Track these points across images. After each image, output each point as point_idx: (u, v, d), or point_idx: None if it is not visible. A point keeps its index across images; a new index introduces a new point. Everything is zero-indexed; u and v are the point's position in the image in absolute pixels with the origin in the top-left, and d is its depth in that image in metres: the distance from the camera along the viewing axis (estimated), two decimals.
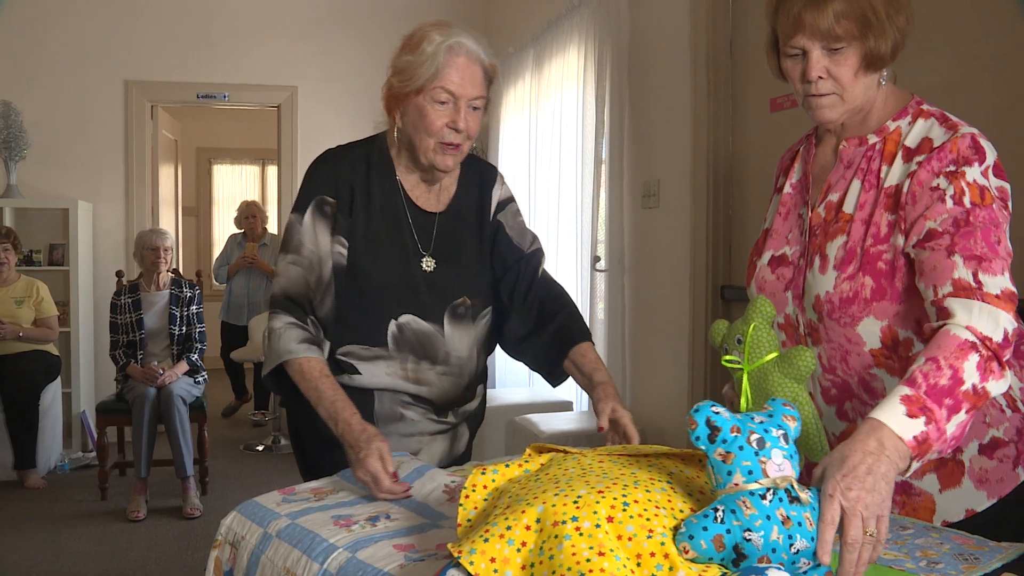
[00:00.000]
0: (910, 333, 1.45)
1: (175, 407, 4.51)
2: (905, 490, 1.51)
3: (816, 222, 1.56)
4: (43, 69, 5.91)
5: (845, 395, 1.53)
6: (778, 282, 1.60)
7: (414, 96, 1.77)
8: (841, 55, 1.44)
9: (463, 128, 1.77)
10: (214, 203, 9.83)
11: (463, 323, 1.90)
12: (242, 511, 1.54)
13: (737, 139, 3.51)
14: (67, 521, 4.41)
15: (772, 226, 1.68)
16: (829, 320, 1.49)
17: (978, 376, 1.27)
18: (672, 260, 3.78)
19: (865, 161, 1.52)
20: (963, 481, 1.48)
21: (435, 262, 1.88)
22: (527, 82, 5.33)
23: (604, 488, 1.11)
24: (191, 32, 6.15)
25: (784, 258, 1.61)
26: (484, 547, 1.06)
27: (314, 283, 1.80)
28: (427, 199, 1.92)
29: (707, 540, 1.03)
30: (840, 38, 1.42)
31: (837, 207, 1.53)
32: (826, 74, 1.46)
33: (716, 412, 1.13)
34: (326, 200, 1.83)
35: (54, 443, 5.42)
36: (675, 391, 3.76)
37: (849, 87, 1.46)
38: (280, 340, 1.75)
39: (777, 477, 1.08)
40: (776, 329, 1.59)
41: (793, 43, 1.46)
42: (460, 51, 1.75)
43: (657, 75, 3.88)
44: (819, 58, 1.45)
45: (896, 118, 1.51)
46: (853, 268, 1.46)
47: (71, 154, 5.97)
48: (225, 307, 6.63)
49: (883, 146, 1.50)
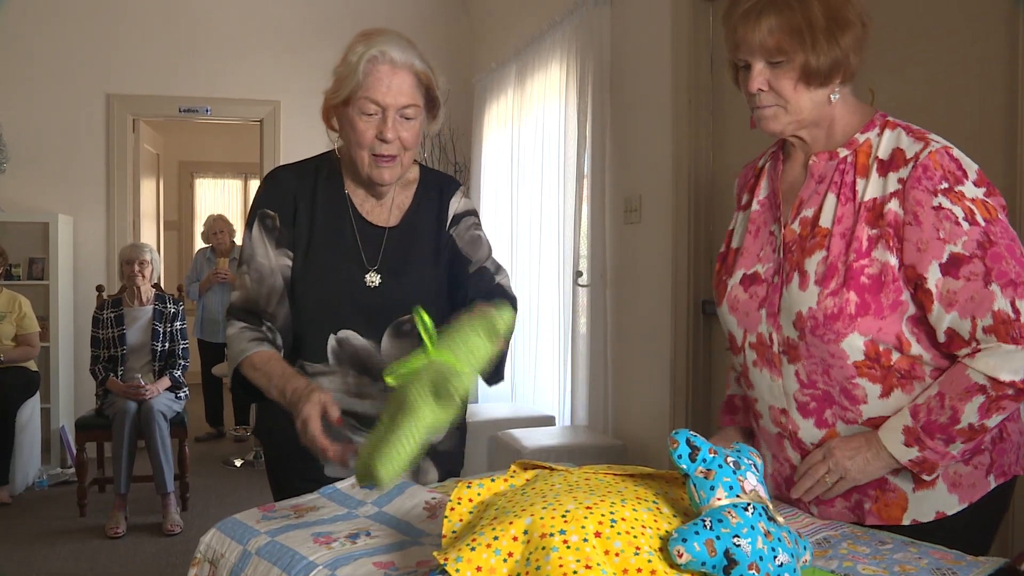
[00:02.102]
0: (890, 345, 1.47)
1: (156, 423, 4.48)
2: (880, 485, 1.52)
3: (791, 238, 1.56)
4: (24, 82, 5.89)
5: (825, 404, 1.54)
6: (751, 300, 1.61)
7: (344, 107, 1.77)
8: (781, 68, 1.48)
9: (391, 138, 1.74)
10: (196, 217, 9.77)
11: (407, 339, 1.84)
12: (221, 528, 1.53)
13: (718, 154, 3.54)
14: (45, 538, 4.37)
15: (743, 245, 1.68)
16: (812, 337, 1.49)
17: (977, 416, 1.39)
18: (654, 275, 3.79)
19: (838, 175, 1.53)
20: (937, 484, 1.50)
21: (380, 277, 1.84)
22: (509, 97, 5.35)
23: (592, 504, 1.11)
24: (173, 46, 6.14)
25: (756, 276, 1.61)
26: (470, 555, 1.07)
27: (266, 294, 1.81)
28: (378, 213, 1.89)
29: (700, 543, 1.05)
30: (774, 51, 1.46)
31: (813, 222, 1.53)
32: (767, 87, 1.50)
33: (694, 435, 1.17)
34: (267, 213, 1.84)
35: (32, 459, 5.37)
36: (657, 405, 3.76)
37: (791, 99, 1.50)
38: (235, 343, 1.78)
39: (753, 495, 1.13)
40: (748, 348, 1.62)
41: (737, 56, 1.52)
42: (383, 60, 1.73)
43: (639, 91, 3.91)
44: (760, 71, 1.49)
45: (864, 131, 1.53)
46: (836, 284, 1.46)
47: (52, 167, 5.94)
48: (199, 324, 6.53)
49: (855, 159, 1.52)
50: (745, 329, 1.62)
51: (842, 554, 1.34)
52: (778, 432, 1.61)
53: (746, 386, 1.67)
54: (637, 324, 3.96)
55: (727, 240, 1.76)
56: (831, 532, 1.46)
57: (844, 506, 1.56)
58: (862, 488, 1.53)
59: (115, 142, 6.08)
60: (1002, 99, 2.28)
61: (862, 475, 1.48)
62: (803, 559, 1.18)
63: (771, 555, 1.08)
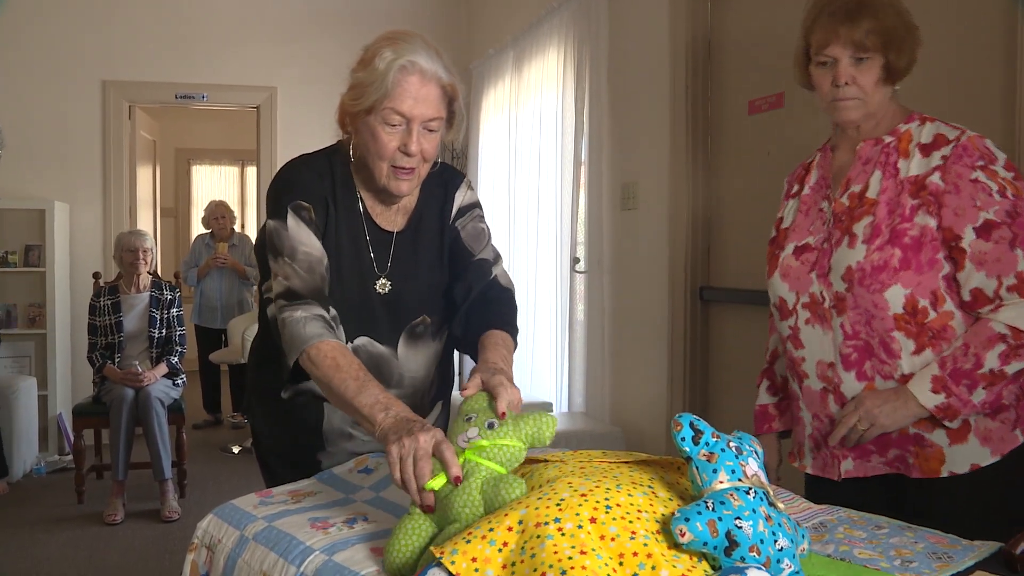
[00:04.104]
0: (927, 302, 1.66)
1: (153, 409, 4.48)
2: (918, 442, 1.69)
3: (840, 210, 1.77)
4: (19, 68, 5.86)
5: (865, 356, 1.71)
6: (802, 266, 1.81)
7: (365, 115, 1.66)
8: (865, 65, 1.71)
9: (415, 152, 1.66)
10: (193, 204, 9.76)
11: (421, 342, 1.85)
12: (218, 514, 1.53)
13: (715, 141, 3.53)
14: (43, 525, 4.37)
15: (794, 222, 1.88)
16: (859, 287, 1.68)
17: (998, 362, 1.59)
18: (651, 261, 3.79)
19: (883, 156, 1.74)
20: (969, 438, 1.66)
21: (391, 284, 1.80)
22: (507, 84, 5.34)
23: (587, 491, 1.12)
24: (169, 32, 6.11)
25: (807, 246, 1.82)
26: (466, 547, 1.07)
27: (320, 281, 1.68)
28: (386, 217, 1.83)
29: (702, 523, 1.06)
30: (867, 49, 1.69)
31: (861, 195, 1.74)
32: (852, 80, 1.71)
33: (698, 419, 1.19)
34: (302, 205, 1.72)
35: (30, 446, 5.37)
36: (655, 391, 3.77)
37: (871, 93, 1.72)
38: (297, 328, 1.60)
39: (755, 480, 1.15)
40: (801, 308, 1.80)
41: (826, 52, 1.72)
42: (413, 70, 1.63)
43: (636, 77, 3.90)
44: (847, 66, 1.71)
45: (905, 122, 1.75)
46: (881, 240, 1.67)
47: (48, 154, 5.91)
48: (197, 310, 6.52)
49: (897, 144, 1.73)
50: (797, 292, 1.81)
51: (838, 538, 1.34)
52: (823, 388, 1.77)
53: (794, 347, 1.83)
54: (634, 311, 3.96)
55: (777, 225, 1.96)
56: (827, 517, 1.47)
57: (880, 461, 1.74)
58: (902, 444, 1.70)
59: (111, 129, 6.05)
60: (998, 96, 2.28)
61: (890, 421, 1.65)
62: (801, 547, 1.19)
63: (771, 539, 1.09)
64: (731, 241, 3.44)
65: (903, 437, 1.69)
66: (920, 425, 1.67)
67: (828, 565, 1.23)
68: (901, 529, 1.39)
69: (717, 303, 3.52)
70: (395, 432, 1.32)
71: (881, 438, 1.70)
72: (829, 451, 1.78)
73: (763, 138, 3.21)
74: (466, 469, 1.25)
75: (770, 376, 2.07)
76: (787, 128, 3.10)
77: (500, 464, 1.26)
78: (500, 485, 1.21)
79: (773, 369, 2.07)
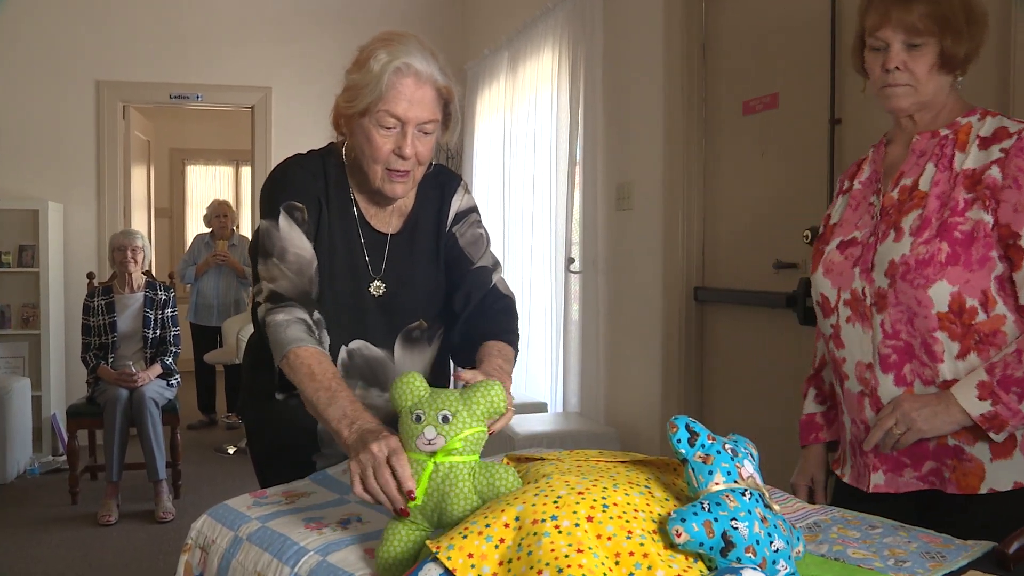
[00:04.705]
0: (976, 302, 1.54)
1: (147, 410, 4.47)
2: (957, 455, 1.57)
3: (889, 203, 1.66)
4: (13, 68, 5.84)
5: (905, 358, 1.60)
6: (846, 261, 1.69)
7: (359, 118, 1.66)
8: (919, 51, 1.59)
9: (409, 155, 1.65)
10: (188, 204, 9.74)
11: (417, 346, 1.85)
12: (212, 514, 1.53)
13: (710, 141, 3.53)
14: (37, 525, 4.36)
15: (842, 217, 1.78)
16: (902, 282, 1.57)
17: None
18: (646, 261, 3.79)
19: (938, 148, 1.63)
20: (1015, 453, 1.54)
21: (385, 286, 1.80)
22: (502, 84, 5.34)
23: (584, 489, 1.12)
24: (164, 32, 6.10)
25: (853, 240, 1.71)
26: (462, 543, 1.07)
27: (307, 284, 1.69)
28: (380, 218, 1.82)
29: (699, 523, 1.06)
30: (921, 33, 1.58)
31: (912, 188, 1.63)
32: (904, 66, 1.61)
33: (693, 420, 1.18)
34: (295, 206, 1.71)
35: (23, 447, 5.36)
36: (649, 392, 3.77)
37: (923, 80, 1.61)
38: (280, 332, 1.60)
39: (751, 481, 1.15)
40: (842, 306, 1.69)
41: (879, 35, 1.62)
42: (408, 72, 1.62)
43: (631, 77, 3.90)
44: (898, 51, 1.60)
45: (966, 116, 1.64)
46: (929, 234, 1.56)
47: (41, 155, 5.90)
48: (193, 308, 6.54)
49: (955, 136, 1.62)
50: (839, 288, 1.70)
51: (832, 538, 1.34)
52: (860, 391, 1.66)
53: (835, 347, 1.72)
54: (629, 311, 3.96)
55: (825, 221, 1.84)
56: (821, 517, 1.47)
57: (914, 475, 1.62)
58: (939, 456, 1.58)
59: (105, 129, 6.04)
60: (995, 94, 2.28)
61: (928, 426, 1.54)
62: (796, 549, 1.19)
63: (767, 540, 1.09)
64: (726, 242, 3.45)
65: (941, 448, 1.58)
66: (960, 436, 1.55)
67: (822, 565, 1.23)
68: (895, 529, 1.39)
69: (712, 304, 3.52)
70: (354, 448, 1.31)
71: (916, 449, 1.59)
72: (863, 459, 1.67)
73: (758, 139, 3.22)
74: (442, 473, 1.21)
75: (818, 383, 1.91)
76: (782, 129, 3.10)
77: (473, 453, 1.24)
78: (493, 476, 1.20)
79: (821, 376, 1.91)
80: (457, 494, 1.20)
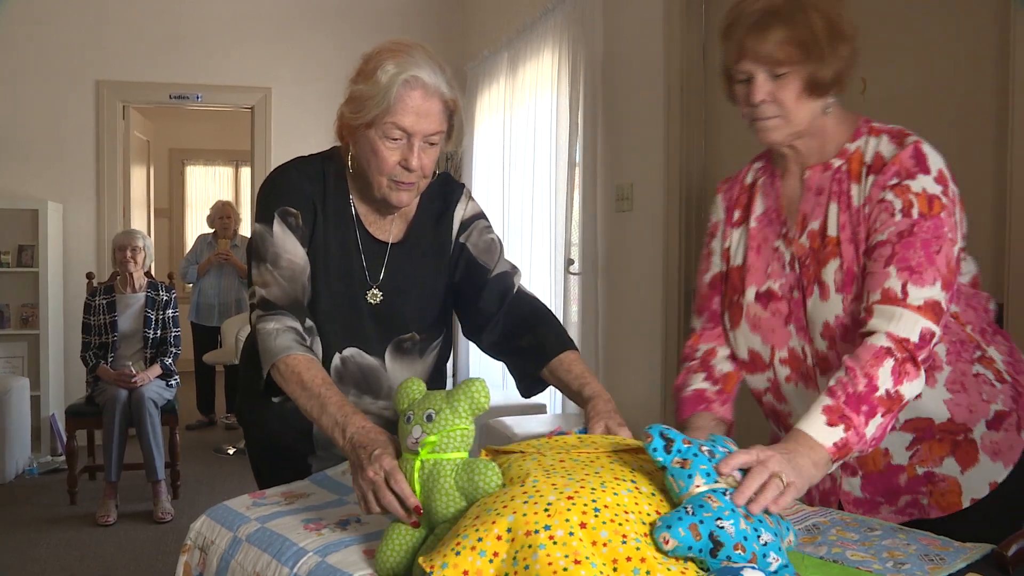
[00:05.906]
0: None
1: (146, 410, 4.47)
2: (930, 480, 1.54)
3: (802, 253, 1.57)
4: (13, 68, 5.84)
5: None
6: (774, 318, 1.61)
7: (365, 129, 1.64)
8: (784, 80, 1.49)
9: (416, 167, 1.64)
10: (187, 205, 9.75)
11: (408, 357, 1.84)
12: (211, 515, 1.53)
13: (710, 143, 3.53)
14: (35, 526, 4.35)
15: (747, 262, 1.67)
16: (843, 343, 1.50)
17: (891, 381, 1.36)
18: (645, 263, 3.79)
19: (836, 184, 1.54)
20: (979, 457, 1.53)
21: (382, 295, 1.79)
22: (501, 85, 5.34)
23: (572, 493, 1.11)
24: (164, 32, 6.10)
25: (772, 293, 1.61)
26: (456, 560, 1.06)
27: (300, 291, 1.69)
28: (380, 227, 1.81)
29: (684, 528, 1.06)
30: (782, 63, 1.47)
31: (821, 233, 1.55)
32: (770, 98, 1.51)
33: (667, 427, 1.19)
34: (289, 211, 1.70)
35: (22, 447, 5.36)
36: (648, 393, 3.77)
37: (793, 110, 1.51)
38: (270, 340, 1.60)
39: (731, 480, 1.17)
40: (779, 364, 1.61)
41: (739, 68, 1.52)
42: (416, 85, 1.60)
43: (631, 79, 3.90)
44: (763, 82, 1.50)
45: (854, 139, 1.56)
46: (857, 288, 1.49)
47: (41, 154, 5.90)
48: (194, 308, 6.55)
49: (848, 167, 1.54)
50: (772, 346, 1.62)
51: (831, 540, 1.34)
52: None
53: (776, 400, 1.66)
54: (628, 312, 3.96)
55: (724, 256, 1.72)
56: (820, 519, 1.47)
57: (891, 511, 1.58)
58: (912, 488, 1.56)
59: (105, 129, 6.04)
60: (992, 92, 2.28)
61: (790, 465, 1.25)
62: (787, 540, 1.19)
63: (755, 535, 1.10)
64: None
65: (912, 481, 1.54)
66: (926, 462, 1.52)
67: (820, 567, 1.23)
68: (893, 531, 1.39)
69: None
70: (352, 467, 1.35)
71: (883, 486, 1.53)
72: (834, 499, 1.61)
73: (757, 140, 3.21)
74: (426, 470, 1.24)
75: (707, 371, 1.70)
76: None
77: (458, 450, 1.25)
78: (474, 473, 1.21)
79: (710, 364, 1.71)
80: (440, 491, 1.22)
